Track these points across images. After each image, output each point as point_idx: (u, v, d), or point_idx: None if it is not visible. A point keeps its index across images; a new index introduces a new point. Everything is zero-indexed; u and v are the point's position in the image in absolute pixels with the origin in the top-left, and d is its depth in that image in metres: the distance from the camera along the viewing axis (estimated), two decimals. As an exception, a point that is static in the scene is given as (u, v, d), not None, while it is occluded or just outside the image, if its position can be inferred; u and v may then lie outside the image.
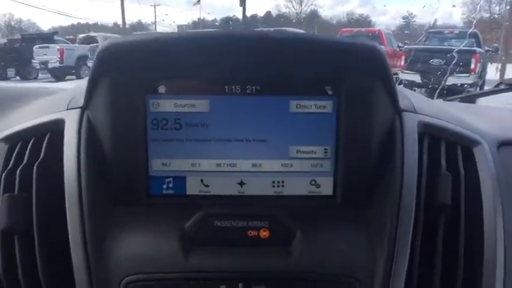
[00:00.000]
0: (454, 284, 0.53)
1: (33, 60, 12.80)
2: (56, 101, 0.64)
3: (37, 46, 12.80)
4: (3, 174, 0.56)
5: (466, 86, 7.81)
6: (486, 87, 10.51)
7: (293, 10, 42.34)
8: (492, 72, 11.48)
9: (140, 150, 0.55)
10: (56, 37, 14.68)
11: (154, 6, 36.54)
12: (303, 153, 0.56)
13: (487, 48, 10.00)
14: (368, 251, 0.53)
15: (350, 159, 0.56)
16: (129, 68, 0.53)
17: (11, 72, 13.11)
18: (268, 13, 44.42)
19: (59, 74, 12.80)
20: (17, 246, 0.52)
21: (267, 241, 0.53)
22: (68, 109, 0.58)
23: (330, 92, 0.55)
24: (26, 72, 13.20)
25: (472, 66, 8.36)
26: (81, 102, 0.57)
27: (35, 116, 0.61)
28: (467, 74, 8.23)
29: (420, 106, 0.62)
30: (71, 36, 17.60)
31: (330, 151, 0.56)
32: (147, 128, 0.55)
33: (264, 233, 0.54)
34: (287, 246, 0.53)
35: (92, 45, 13.08)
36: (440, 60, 8.19)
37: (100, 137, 0.55)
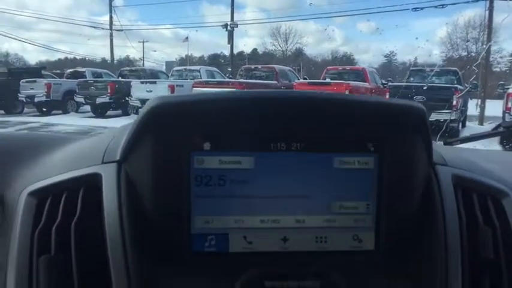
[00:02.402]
0: None
1: (19, 94, 12.74)
2: (87, 153, 0.63)
3: (24, 80, 12.77)
4: (36, 233, 0.52)
5: (448, 121, 8.00)
6: (468, 123, 10.84)
7: (279, 48, 43.70)
8: (473, 108, 11.86)
9: (183, 207, 0.54)
10: (43, 72, 14.69)
11: (143, 42, 37.17)
12: (345, 209, 0.56)
13: (466, 85, 10.36)
14: None
15: (391, 213, 0.56)
16: (176, 127, 0.53)
17: (-6, 105, 12.98)
18: (255, 50, 45.60)
19: (45, 109, 12.73)
20: None
21: None
22: (103, 163, 0.57)
23: (372, 149, 0.56)
24: (11, 106, 13.07)
25: (454, 102, 8.62)
26: (117, 155, 0.56)
27: (65, 169, 0.58)
28: (449, 110, 8.47)
29: (450, 158, 0.63)
30: (58, 71, 17.65)
31: (371, 206, 0.57)
32: (191, 185, 0.54)
33: None
34: None
35: (79, 80, 13.13)
36: (423, 97, 8.44)
37: (140, 192, 0.54)
